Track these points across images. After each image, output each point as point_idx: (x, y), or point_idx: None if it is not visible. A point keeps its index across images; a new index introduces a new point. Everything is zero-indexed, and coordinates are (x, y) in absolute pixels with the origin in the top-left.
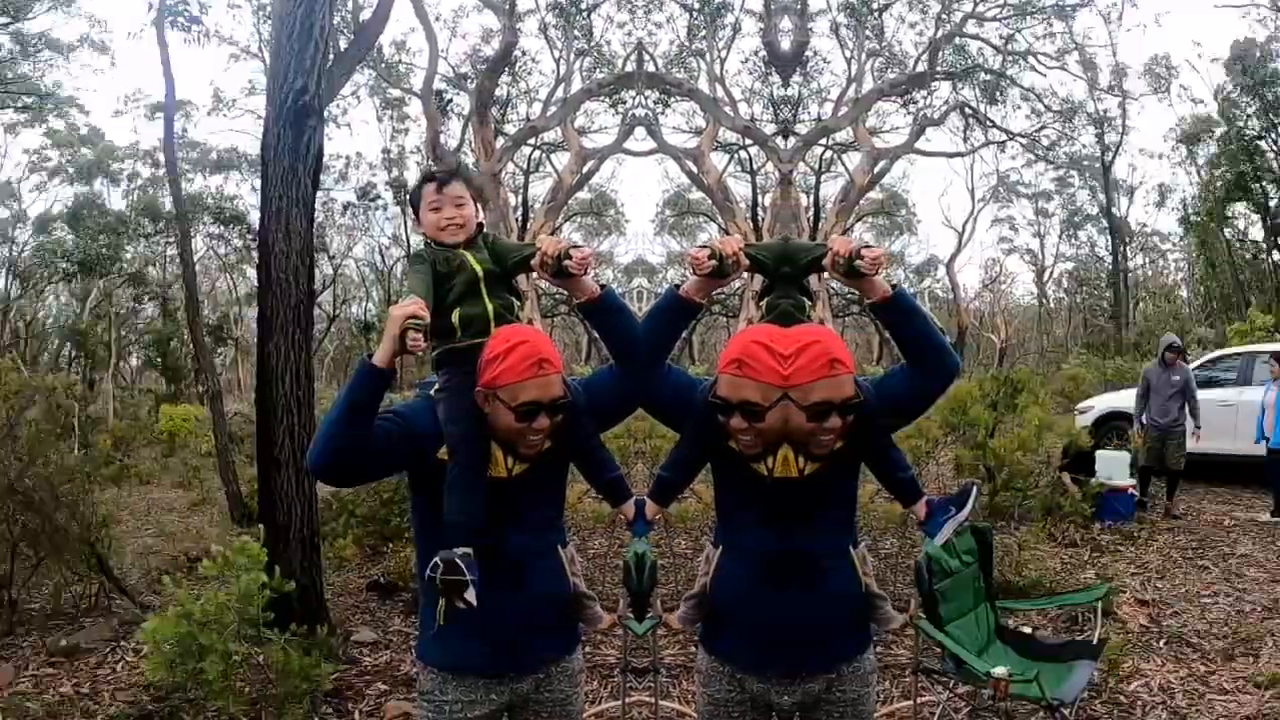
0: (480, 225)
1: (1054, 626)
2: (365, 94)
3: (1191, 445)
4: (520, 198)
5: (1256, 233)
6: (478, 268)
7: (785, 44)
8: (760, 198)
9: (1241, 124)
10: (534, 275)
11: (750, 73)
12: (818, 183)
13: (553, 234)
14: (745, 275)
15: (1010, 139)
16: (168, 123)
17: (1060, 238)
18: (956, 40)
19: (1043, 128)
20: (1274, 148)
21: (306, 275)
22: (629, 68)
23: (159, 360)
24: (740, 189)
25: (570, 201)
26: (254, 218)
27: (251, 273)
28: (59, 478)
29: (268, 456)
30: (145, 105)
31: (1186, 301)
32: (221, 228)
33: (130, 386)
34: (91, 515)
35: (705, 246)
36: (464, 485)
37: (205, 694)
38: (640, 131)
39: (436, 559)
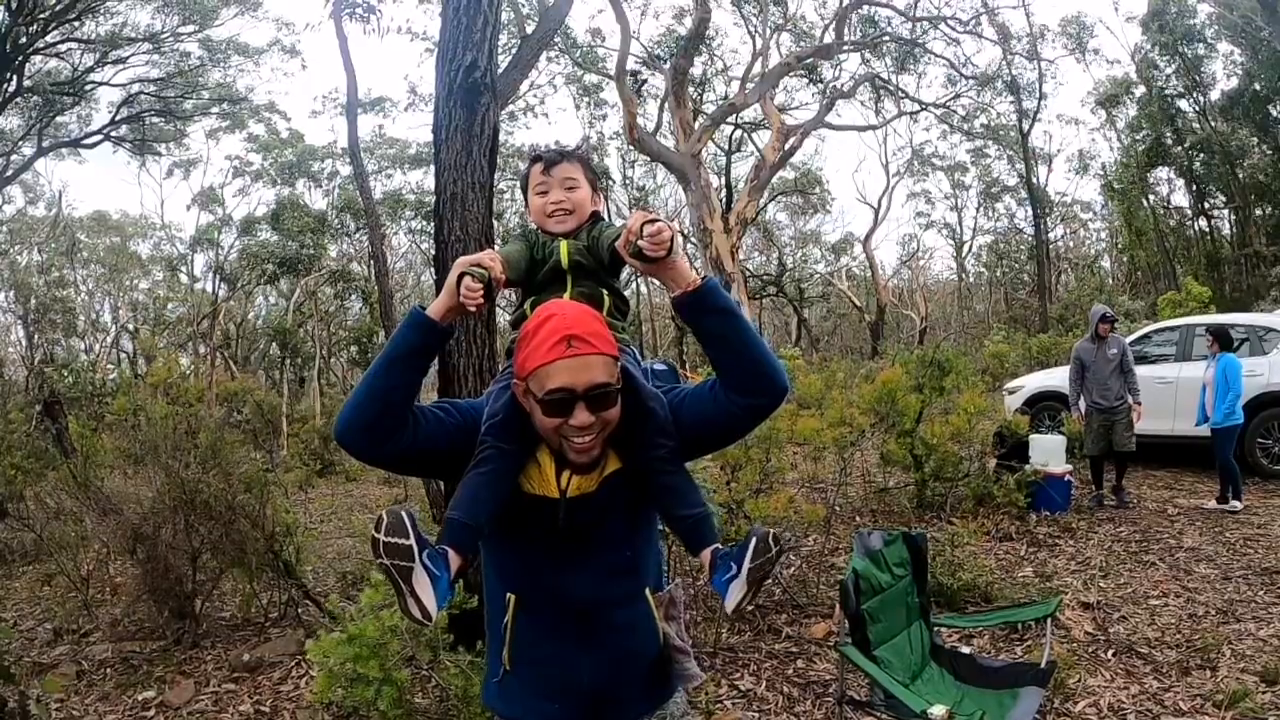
0: (596, 214)
1: (992, 635)
2: (561, 82)
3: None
4: (724, 179)
5: (1179, 199)
6: (565, 256)
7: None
8: None
9: (1160, 84)
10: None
11: None
12: (729, 163)
13: (756, 216)
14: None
15: (923, 109)
16: (350, 113)
17: (978, 210)
18: (864, 9)
19: (956, 96)
20: (1195, 108)
21: None
22: (827, 39)
23: (362, 357)
24: None
25: (774, 180)
26: None
27: None
28: (238, 486)
29: None
30: (341, 105)
31: (1109, 272)
32: (424, 222)
33: (341, 383)
34: (273, 523)
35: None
36: (475, 480)
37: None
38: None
39: (382, 512)
